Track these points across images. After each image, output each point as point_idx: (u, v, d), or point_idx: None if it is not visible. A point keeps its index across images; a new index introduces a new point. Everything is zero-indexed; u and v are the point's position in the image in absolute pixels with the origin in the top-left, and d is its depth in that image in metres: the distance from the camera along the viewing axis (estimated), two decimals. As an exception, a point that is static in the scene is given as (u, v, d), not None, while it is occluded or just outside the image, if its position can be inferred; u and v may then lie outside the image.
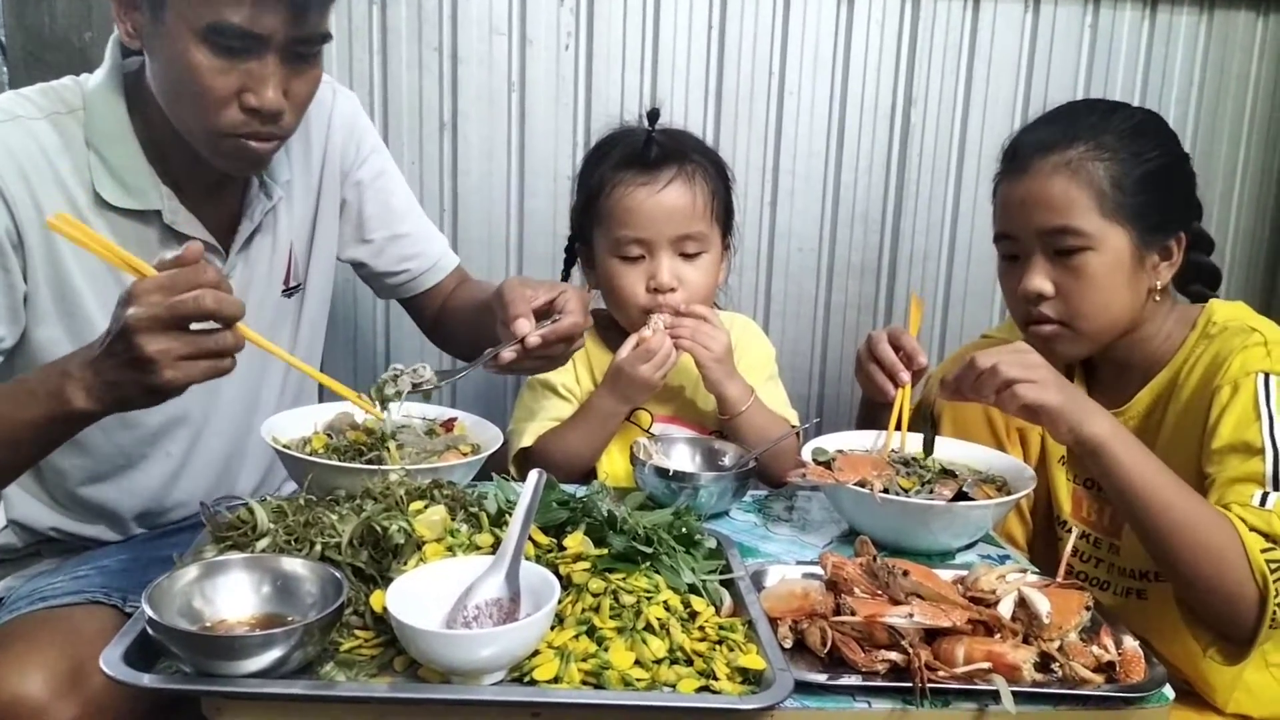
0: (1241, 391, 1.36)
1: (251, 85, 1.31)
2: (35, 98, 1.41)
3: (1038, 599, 1.10)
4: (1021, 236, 1.49)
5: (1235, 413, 1.35)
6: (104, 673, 0.92)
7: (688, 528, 1.21)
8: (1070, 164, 1.44)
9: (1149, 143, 1.47)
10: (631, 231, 1.65)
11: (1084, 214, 1.43)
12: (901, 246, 2.36)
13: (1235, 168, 2.42)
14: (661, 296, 1.64)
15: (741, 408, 1.63)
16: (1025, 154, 1.48)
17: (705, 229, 1.66)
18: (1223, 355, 1.41)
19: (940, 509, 1.34)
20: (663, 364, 1.59)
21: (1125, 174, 1.44)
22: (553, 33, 2.18)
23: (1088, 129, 1.46)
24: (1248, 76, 2.37)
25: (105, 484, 1.52)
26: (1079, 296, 1.45)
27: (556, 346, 1.42)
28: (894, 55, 2.26)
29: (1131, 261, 1.45)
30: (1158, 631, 1.44)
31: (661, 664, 1.00)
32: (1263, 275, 2.50)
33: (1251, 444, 1.33)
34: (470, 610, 1.01)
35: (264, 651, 0.93)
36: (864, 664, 1.04)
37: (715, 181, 1.69)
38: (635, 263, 1.66)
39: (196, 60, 1.28)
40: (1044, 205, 1.45)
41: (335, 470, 1.28)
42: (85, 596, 1.36)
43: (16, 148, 1.35)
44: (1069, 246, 1.44)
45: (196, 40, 1.27)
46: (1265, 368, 1.37)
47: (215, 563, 1.04)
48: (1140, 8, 2.30)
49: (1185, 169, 1.52)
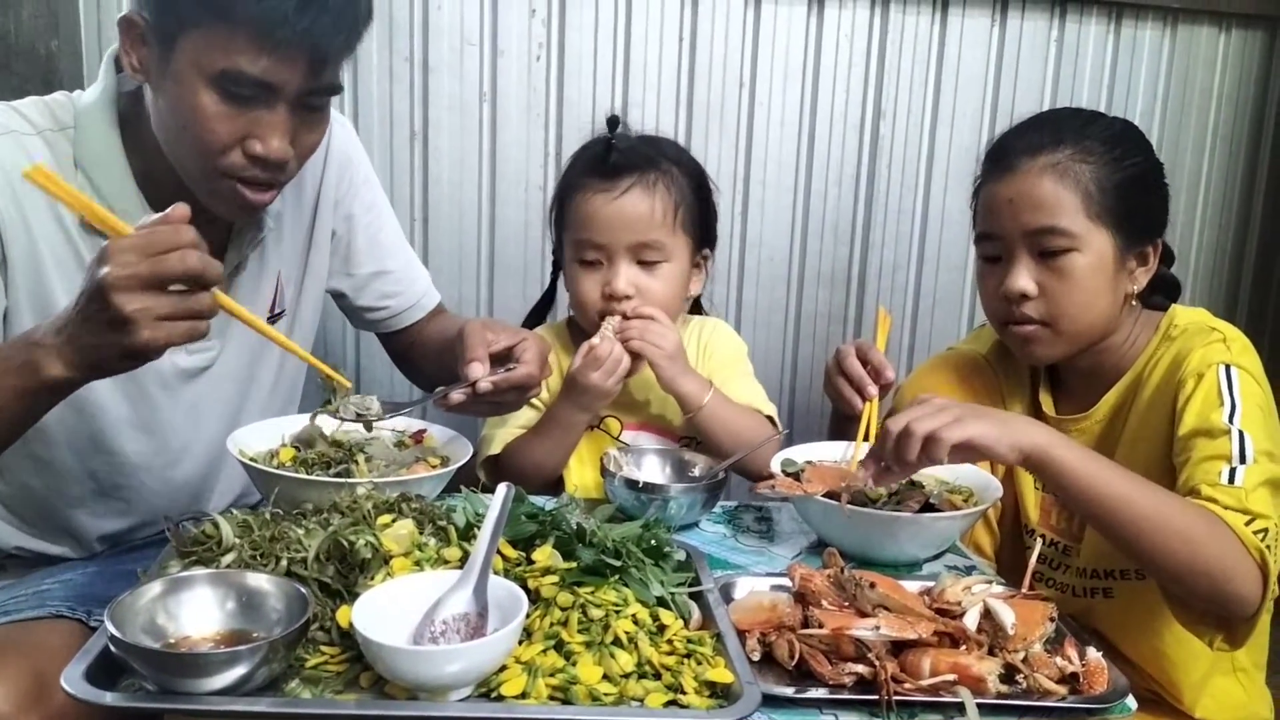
0: (1205, 381, 1.38)
1: (258, 133, 1.28)
2: (30, 113, 1.38)
3: (1003, 610, 1.11)
4: (1006, 236, 1.50)
5: (1198, 401, 1.38)
6: (65, 691, 0.91)
7: (657, 540, 1.21)
8: (1058, 165, 1.46)
9: (1131, 149, 1.50)
10: (588, 236, 1.65)
11: (1071, 214, 1.45)
12: (871, 257, 2.37)
13: (1199, 180, 2.46)
14: (615, 303, 1.64)
15: (699, 403, 1.61)
16: (1013, 155, 1.50)
17: (664, 238, 1.65)
18: (1183, 353, 1.43)
19: (907, 520, 1.35)
20: (613, 370, 1.57)
21: (1109, 178, 1.46)
22: (524, 43, 2.18)
23: (1073, 133, 1.48)
24: (1211, 90, 2.41)
25: (76, 507, 1.50)
26: (1063, 297, 1.47)
27: (509, 394, 1.43)
28: (863, 67, 2.28)
29: (1114, 264, 1.47)
30: (1125, 631, 1.46)
31: (629, 678, 1.00)
32: (1225, 286, 2.54)
33: (1215, 427, 1.34)
34: (437, 625, 1.00)
35: (228, 669, 0.92)
36: (831, 677, 1.05)
37: (683, 191, 1.67)
38: (593, 268, 1.66)
39: (204, 104, 1.25)
40: (1032, 205, 1.46)
41: (302, 483, 1.27)
42: (49, 610, 1.34)
43: (8, 164, 1.32)
44: (1055, 247, 1.46)
45: (206, 84, 1.25)
46: (1226, 359, 1.39)
47: (179, 578, 1.03)
48: (1105, 22, 2.33)
49: (1160, 180, 1.54)
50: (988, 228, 1.54)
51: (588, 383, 1.57)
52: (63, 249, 1.36)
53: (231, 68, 1.23)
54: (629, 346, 1.59)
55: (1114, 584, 1.50)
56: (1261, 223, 2.50)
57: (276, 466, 1.34)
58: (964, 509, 1.39)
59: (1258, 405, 1.37)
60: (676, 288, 1.69)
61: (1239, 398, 1.36)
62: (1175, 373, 1.43)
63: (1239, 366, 1.39)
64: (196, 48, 1.24)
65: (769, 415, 1.69)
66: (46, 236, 1.35)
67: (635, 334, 1.59)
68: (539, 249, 2.26)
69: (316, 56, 1.26)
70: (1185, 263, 2.46)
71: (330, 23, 1.25)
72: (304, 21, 1.22)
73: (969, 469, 1.51)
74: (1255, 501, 1.28)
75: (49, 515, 1.50)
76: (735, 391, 1.68)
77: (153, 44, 1.28)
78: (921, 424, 1.25)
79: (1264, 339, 2.51)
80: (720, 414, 1.62)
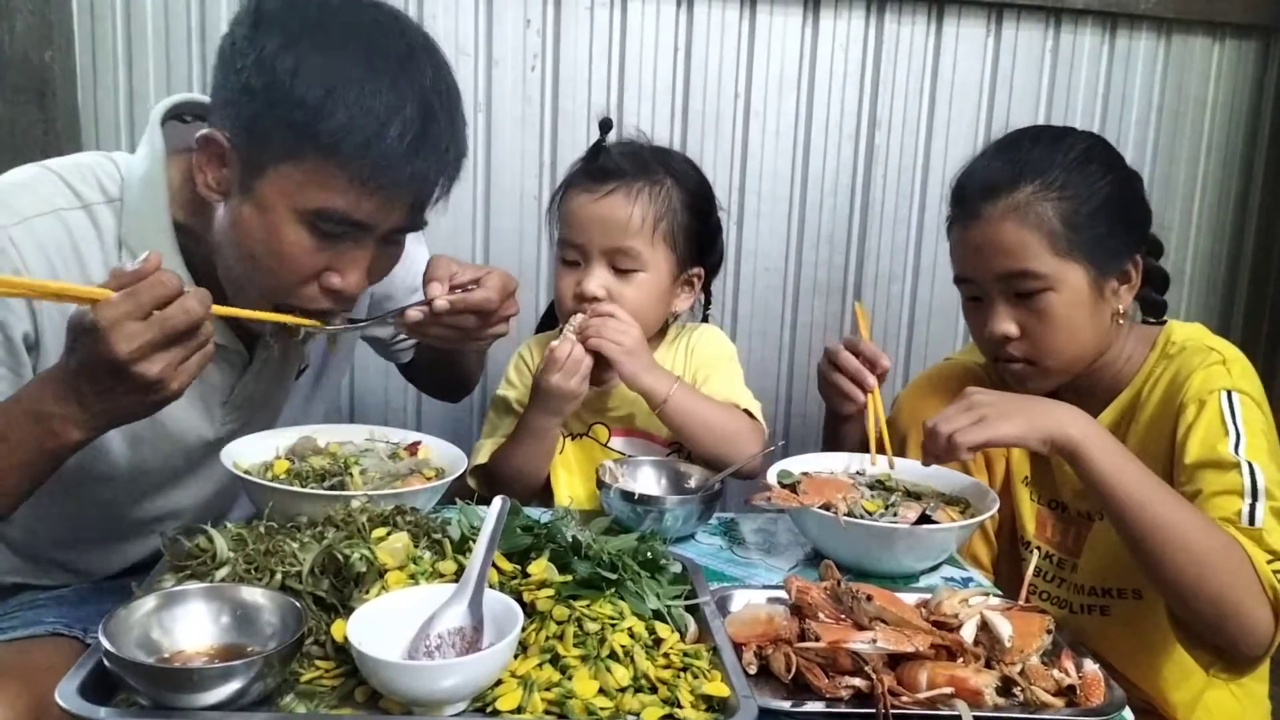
0: (1207, 408, 1.38)
1: (339, 266, 1.25)
2: (74, 183, 1.32)
3: (1000, 623, 1.10)
4: (980, 280, 1.49)
5: (1202, 428, 1.37)
6: (60, 707, 0.91)
7: (653, 553, 1.21)
8: (1019, 208, 1.44)
9: (1096, 171, 1.47)
10: (568, 235, 1.65)
11: (1038, 257, 1.43)
12: (867, 266, 2.38)
13: (1194, 189, 2.47)
14: (586, 304, 1.62)
15: (661, 397, 1.57)
16: (973, 200, 1.48)
17: (641, 247, 1.62)
18: (1183, 374, 1.43)
19: (904, 532, 1.34)
20: (574, 371, 1.54)
21: (1075, 210, 1.44)
22: (519, 54, 2.19)
23: (1032, 165, 1.46)
24: (1205, 100, 2.42)
25: (80, 551, 1.49)
26: (1044, 336, 1.46)
27: (466, 317, 1.39)
28: (858, 78, 2.29)
29: (1092, 294, 1.46)
30: (1120, 649, 1.45)
31: (625, 692, 0.99)
32: (1221, 293, 2.54)
33: (1224, 459, 1.34)
34: (432, 640, 1.00)
35: (223, 683, 0.91)
36: (828, 690, 1.04)
37: (672, 205, 1.64)
38: (572, 268, 1.66)
39: (289, 238, 1.22)
40: (998, 251, 1.45)
41: (297, 496, 1.26)
42: (45, 628, 1.34)
43: (49, 245, 1.28)
44: (1028, 289, 1.45)
45: (296, 219, 1.21)
46: (1227, 385, 1.38)
47: (173, 593, 1.03)
48: (1100, 32, 2.34)
49: (1133, 190, 1.52)
50: (961, 272, 1.54)
51: (549, 386, 1.55)
52: None
53: (329, 207, 1.20)
54: (588, 345, 1.56)
55: (1111, 602, 1.50)
56: (1256, 231, 2.50)
57: (270, 479, 1.33)
58: (960, 520, 1.39)
59: (1261, 432, 1.37)
60: (651, 300, 1.66)
61: (1243, 426, 1.35)
62: (1175, 394, 1.42)
63: (1241, 392, 1.38)
64: (290, 181, 1.20)
65: (746, 409, 1.65)
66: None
67: (593, 331, 1.56)
68: (534, 257, 2.26)
69: (421, 200, 1.24)
70: (1180, 271, 2.46)
71: (438, 166, 1.23)
72: (414, 166, 1.20)
73: (966, 480, 1.51)
74: (1277, 540, 1.28)
75: (52, 556, 1.49)
76: (715, 389, 1.66)
77: (234, 166, 1.23)
78: (945, 426, 1.30)
79: (1259, 347, 2.51)
80: (687, 407, 1.58)
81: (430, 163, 1.22)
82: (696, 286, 1.75)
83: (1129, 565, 1.38)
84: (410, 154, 1.19)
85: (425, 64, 1.24)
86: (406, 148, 1.19)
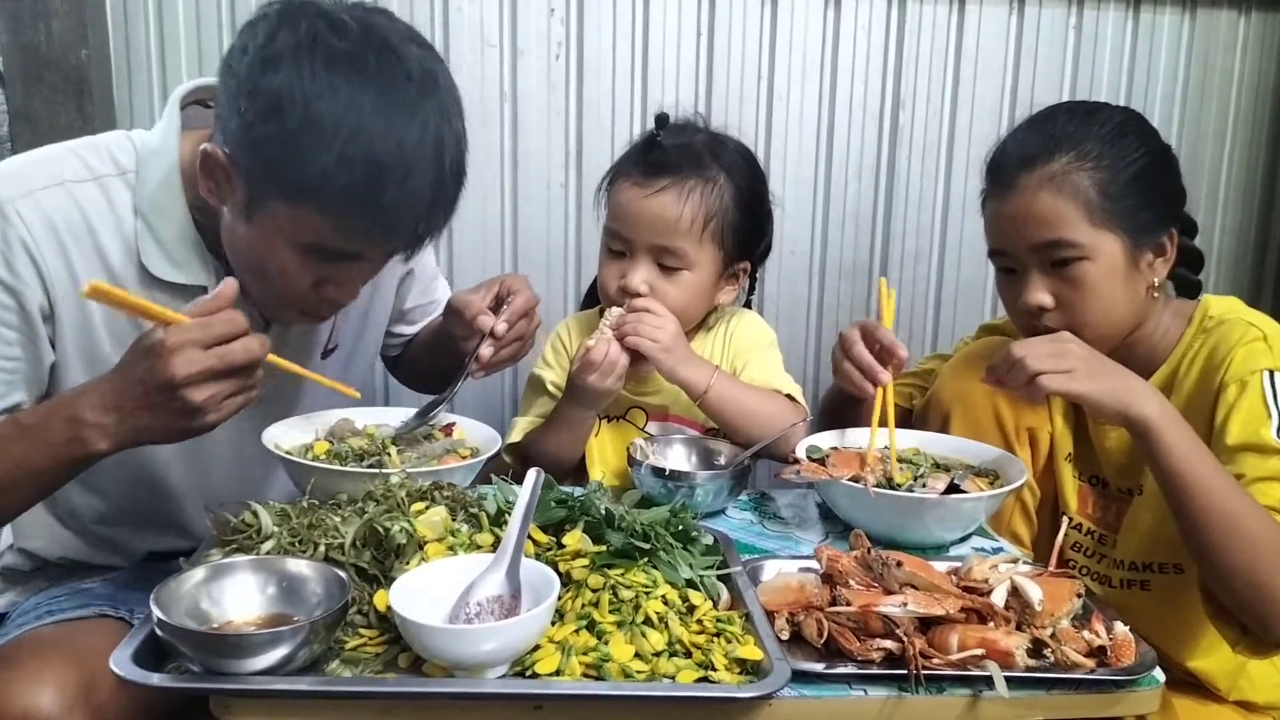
0: (1249, 390, 1.37)
1: (334, 278, 1.29)
2: (87, 156, 1.36)
3: (1030, 587, 1.12)
4: (1015, 252, 1.49)
5: (1243, 411, 1.36)
6: (114, 673, 0.94)
7: (684, 524, 1.23)
8: (1055, 178, 1.44)
9: (1132, 144, 1.47)
10: (616, 227, 1.66)
11: (1074, 226, 1.43)
12: (893, 247, 2.38)
13: (1220, 164, 2.45)
14: (628, 298, 1.64)
15: (702, 388, 1.58)
16: (1009, 170, 1.48)
17: (688, 247, 1.62)
18: (1222, 350, 1.42)
19: (933, 502, 1.35)
20: (610, 372, 1.56)
21: (1111, 180, 1.44)
22: (543, 43, 2.21)
23: (1068, 137, 1.46)
24: (1231, 73, 2.41)
25: (121, 526, 1.53)
26: (1080, 306, 1.46)
27: (519, 325, 1.50)
28: (881, 58, 2.29)
29: (1127, 265, 1.46)
30: (1161, 623, 1.44)
31: (661, 656, 1.02)
32: (1251, 269, 2.53)
33: (1266, 443, 1.33)
34: (472, 607, 1.02)
35: (271, 649, 0.94)
36: (860, 653, 1.06)
37: (724, 203, 1.64)
38: (618, 258, 1.67)
39: (285, 261, 1.25)
40: (1033, 221, 1.45)
41: (338, 475, 1.30)
42: (93, 610, 1.38)
43: (58, 218, 1.31)
44: (1064, 258, 1.45)
45: (289, 247, 1.24)
46: (1270, 364, 1.38)
47: (221, 565, 1.06)
48: (1123, 8, 2.34)
49: (1169, 164, 1.52)
50: (996, 244, 1.54)
51: (585, 384, 1.57)
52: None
53: (319, 244, 1.23)
54: (625, 342, 1.57)
55: (1151, 577, 1.50)
56: (1285, 205, 2.50)
57: (312, 460, 1.36)
58: (989, 490, 1.40)
59: None
60: (694, 296, 1.67)
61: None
62: (1215, 371, 1.41)
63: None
64: (283, 216, 1.23)
65: (788, 394, 1.67)
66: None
67: (630, 329, 1.58)
68: (561, 246, 2.28)
69: (412, 240, 1.28)
70: (1209, 247, 2.45)
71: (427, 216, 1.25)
72: (400, 216, 1.22)
73: (995, 452, 1.52)
74: None
75: (96, 531, 1.53)
76: (754, 374, 1.68)
77: (233, 186, 1.25)
78: (1035, 363, 1.32)
79: (1290, 323, 2.50)
80: (728, 396, 1.60)
81: (418, 213, 1.24)
82: (742, 279, 1.75)
83: (1169, 540, 1.39)
84: (397, 205, 1.21)
85: (428, 110, 1.22)
86: (390, 200, 1.20)
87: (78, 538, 1.53)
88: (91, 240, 1.33)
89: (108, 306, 1.15)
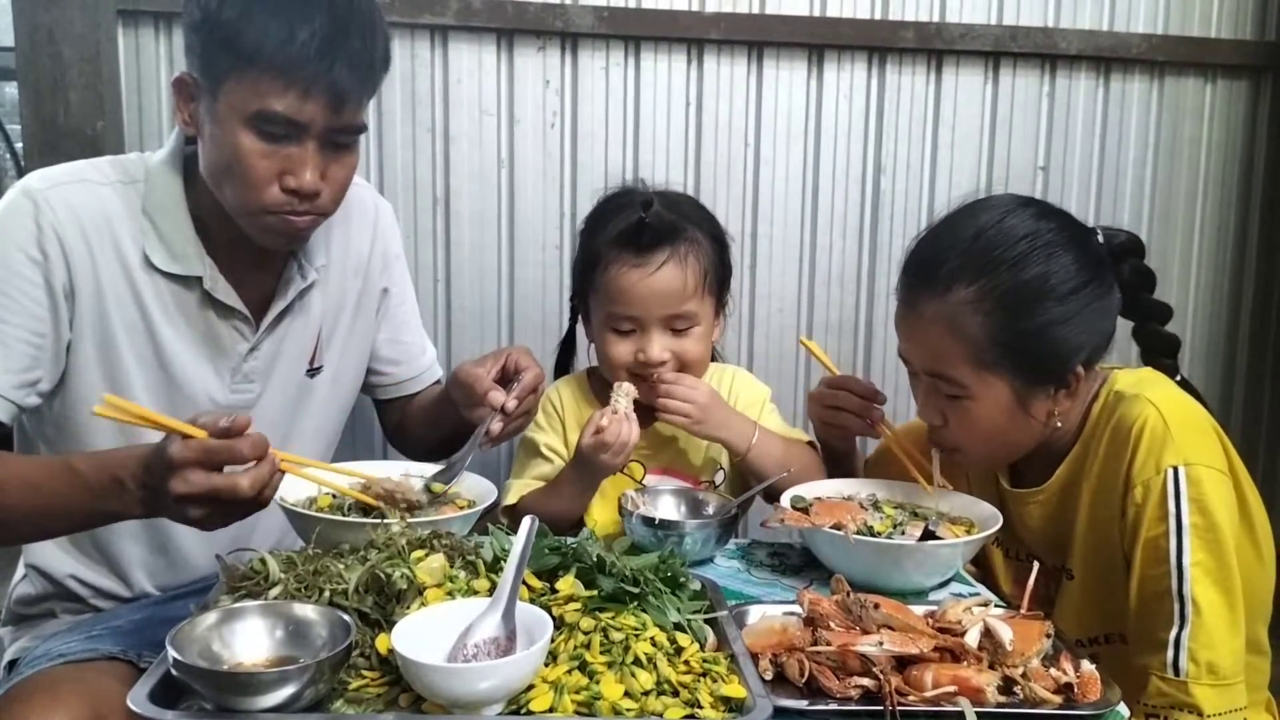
0: (1151, 496, 1.38)
1: (291, 168, 1.41)
2: (105, 167, 1.53)
3: (1001, 628, 1.17)
4: (912, 363, 1.52)
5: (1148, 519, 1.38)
6: (131, 710, 0.99)
7: (673, 570, 1.28)
8: (948, 312, 1.41)
9: (1040, 284, 1.39)
10: (623, 309, 1.71)
11: (957, 366, 1.43)
12: (876, 305, 2.46)
13: (1192, 226, 2.54)
14: (649, 368, 1.71)
15: (746, 445, 1.68)
16: (911, 284, 1.48)
17: (696, 306, 1.71)
18: (1124, 424, 1.41)
19: (911, 548, 1.41)
20: (621, 450, 1.61)
21: (1005, 327, 1.39)
22: (539, 112, 2.30)
23: (973, 267, 1.41)
24: (1200, 139, 2.51)
25: (127, 539, 1.59)
26: (964, 433, 1.48)
27: (528, 400, 1.57)
28: (862, 125, 2.39)
29: (1014, 405, 1.44)
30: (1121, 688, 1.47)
31: (649, 695, 1.07)
32: (1225, 327, 2.60)
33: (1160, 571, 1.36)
34: (469, 648, 1.07)
35: (279, 688, 1.00)
36: (839, 690, 1.11)
37: (709, 255, 1.73)
38: (627, 335, 1.73)
39: (242, 143, 1.39)
40: (923, 347, 1.47)
41: (341, 525, 1.35)
42: (102, 653, 1.43)
43: (81, 208, 1.46)
44: (947, 391, 1.46)
45: (244, 126, 1.38)
46: (1172, 461, 1.37)
47: (232, 609, 1.11)
48: (1094, 76, 2.44)
49: (1092, 301, 1.43)
50: (899, 348, 1.55)
51: (595, 461, 1.63)
52: (122, 285, 1.49)
53: (264, 108, 1.37)
54: (665, 417, 1.67)
55: (1099, 649, 1.52)
56: (1257, 263, 2.58)
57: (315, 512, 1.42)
58: (964, 537, 1.45)
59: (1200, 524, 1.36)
60: (706, 344, 1.78)
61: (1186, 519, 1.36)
62: (1119, 451, 1.41)
63: (1188, 465, 1.36)
64: (234, 94, 1.38)
65: (810, 441, 1.76)
66: (110, 274, 1.48)
67: (663, 405, 1.67)
68: (557, 306, 2.35)
69: (336, 95, 1.38)
70: (1183, 305, 2.53)
71: (349, 65, 1.38)
72: (325, 64, 1.36)
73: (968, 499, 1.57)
74: (1199, 695, 1.32)
75: (102, 544, 1.60)
76: (770, 427, 1.76)
77: (199, 98, 1.43)
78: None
79: (1265, 379, 2.57)
80: (768, 450, 1.69)
81: (342, 62, 1.37)
82: (724, 314, 1.84)
83: (1107, 612, 1.43)
84: (321, 55, 1.35)
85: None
86: (316, 50, 1.34)
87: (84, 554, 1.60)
88: (109, 231, 1.48)
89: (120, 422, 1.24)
